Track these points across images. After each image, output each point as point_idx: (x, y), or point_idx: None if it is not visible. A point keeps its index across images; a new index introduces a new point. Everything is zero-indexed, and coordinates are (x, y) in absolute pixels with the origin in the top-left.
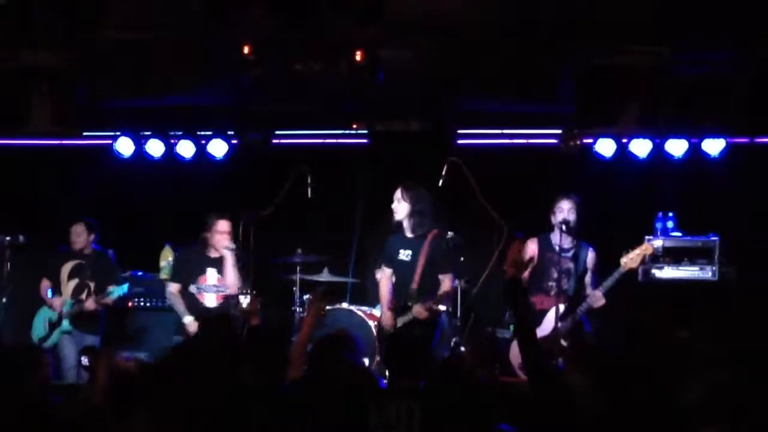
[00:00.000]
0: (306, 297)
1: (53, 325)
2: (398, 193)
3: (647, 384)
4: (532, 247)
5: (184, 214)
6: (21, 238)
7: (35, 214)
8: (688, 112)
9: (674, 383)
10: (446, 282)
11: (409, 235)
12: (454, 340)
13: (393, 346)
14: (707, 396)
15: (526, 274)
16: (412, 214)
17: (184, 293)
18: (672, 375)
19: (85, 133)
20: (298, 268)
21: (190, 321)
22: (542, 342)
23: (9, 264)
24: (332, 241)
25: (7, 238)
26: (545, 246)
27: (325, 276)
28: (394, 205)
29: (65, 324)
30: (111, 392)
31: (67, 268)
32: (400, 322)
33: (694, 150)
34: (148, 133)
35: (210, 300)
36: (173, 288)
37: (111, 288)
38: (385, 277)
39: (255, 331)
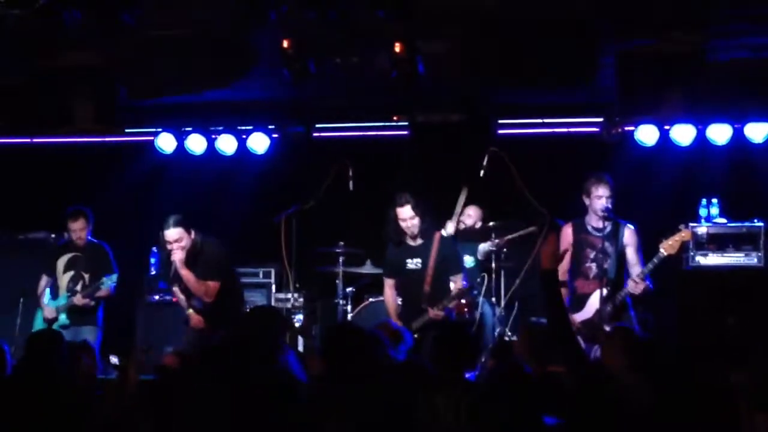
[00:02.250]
0: (349, 290)
1: (51, 320)
2: (407, 212)
3: (693, 371)
4: (567, 232)
5: (227, 208)
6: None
7: None
8: (730, 98)
9: (721, 371)
10: (458, 282)
11: (414, 243)
12: (498, 330)
13: (441, 339)
14: (756, 384)
15: (564, 263)
16: (422, 224)
17: None
18: (719, 363)
19: (126, 130)
20: (340, 261)
21: (191, 313)
22: (584, 326)
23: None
24: (374, 234)
25: (53, 236)
26: (580, 229)
27: (367, 268)
28: (407, 225)
29: (62, 318)
30: (148, 389)
31: (63, 261)
32: (416, 325)
33: (738, 135)
34: (189, 129)
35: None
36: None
37: (102, 279)
38: (389, 288)
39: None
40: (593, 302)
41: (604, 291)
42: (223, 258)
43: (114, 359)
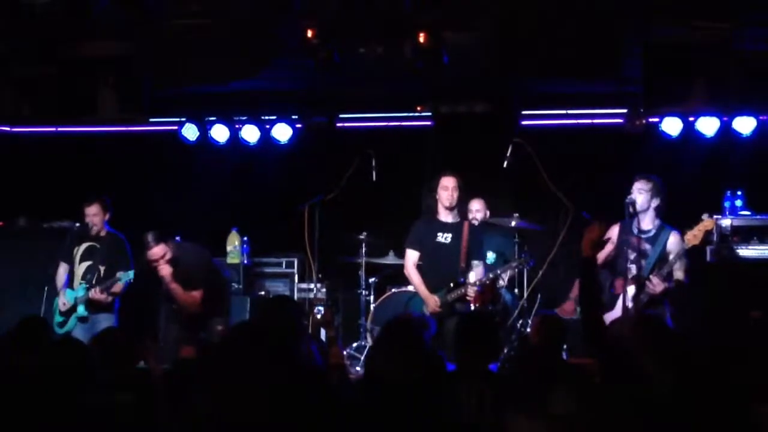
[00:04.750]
0: (372, 280)
1: (69, 311)
2: (451, 181)
3: (720, 364)
4: (614, 231)
5: (250, 198)
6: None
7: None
8: (756, 89)
9: (748, 364)
10: (480, 268)
11: (447, 219)
12: (520, 322)
13: (464, 328)
14: None
15: (602, 255)
16: (460, 201)
17: None
18: (746, 355)
19: (151, 120)
20: (363, 251)
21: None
22: (612, 325)
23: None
24: (397, 224)
25: (77, 225)
26: (625, 229)
27: (390, 259)
28: (448, 194)
29: (81, 309)
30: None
31: (80, 250)
32: (451, 297)
33: (762, 127)
34: (213, 118)
35: None
36: None
37: (119, 274)
38: (413, 261)
39: None
40: (624, 301)
41: (633, 288)
42: (203, 264)
43: None
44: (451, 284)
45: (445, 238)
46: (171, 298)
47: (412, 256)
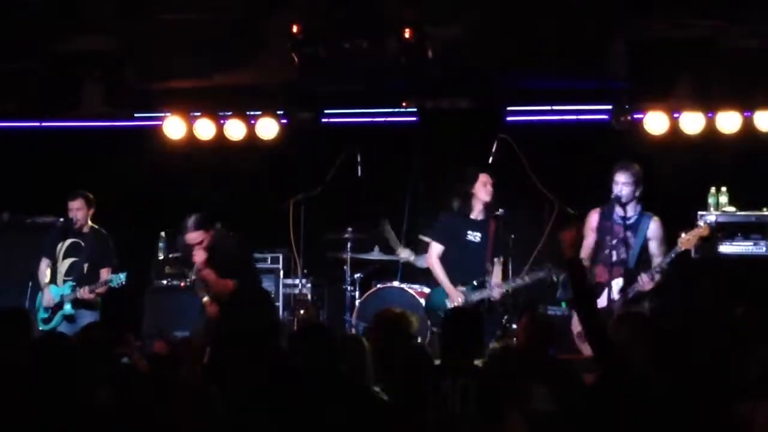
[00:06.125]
0: (357, 276)
1: (55, 308)
2: (488, 179)
3: (703, 359)
4: (593, 217)
5: (235, 194)
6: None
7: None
8: (741, 86)
9: (730, 359)
10: (498, 267)
11: (478, 217)
12: (505, 318)
13: (450, 324)
14: (764, 372)
15: (586, 247)
16: (493, 199)
17: None
18: (728, 351)
19: (135, 115)
20: (348, 247)
21: (207, 301)
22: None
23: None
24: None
25: (61, 220)
26: (606, 216)
27: (375, 254)
28: (488, 189)
29: (68, 308)
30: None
31: (63, 246)
32: (477, 297)
33: (747, 124)
34: (198, 113)
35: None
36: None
37: (110, 277)
38: (437, 253)
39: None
40: (611, 290)
41: (621, 281)
42: (239, 256)
43: None
44: (475, 283)
45: (474, 236)
46: (203, 285)
47: (436, 248)
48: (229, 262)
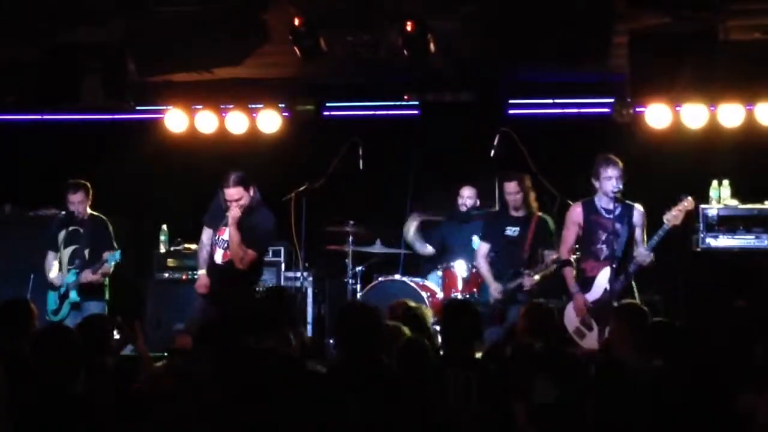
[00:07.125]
0: (359, 269)
1: (62, 298)
2: (512, 187)
3: (705, 351)
4: (577, 211)
5: None
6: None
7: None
8: (743, 79)
9: (733, 351)
10: (554, 254)
11: (515, 214)
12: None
13: (450, 317)
14: (764, 365)
15: (570, 238)
16: (524, 198)
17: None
18: (730, 343)
19: (137, 108)
20: (350, 240)
21: (202, 274)
22: (595, 306)
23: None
24: (384, 213)
25: (62, 213)
26: (591, 209)
27: (377, 248)
28: (512, 198)
29: (73, 295)
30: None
31: (62, 235)
32: (511, 285)
33: (749, 117)
34: (199, 106)
35: (218, 256)
36: (205, 236)
37: (106, 255)
38: (483, 252)
39: None
40: (601, 282)
41: (608, 270)
42: (267, 231)
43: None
44: (511, 272)
45: (513, 231)
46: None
47: (483, 247)
48: (257, 232)
